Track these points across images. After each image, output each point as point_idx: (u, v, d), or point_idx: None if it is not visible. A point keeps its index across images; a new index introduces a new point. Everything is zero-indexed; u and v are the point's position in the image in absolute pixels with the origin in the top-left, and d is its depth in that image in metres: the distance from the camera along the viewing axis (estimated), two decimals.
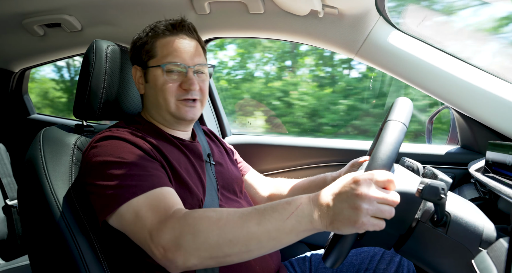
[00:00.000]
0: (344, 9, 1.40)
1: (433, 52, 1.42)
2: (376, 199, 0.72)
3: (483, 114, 1.37)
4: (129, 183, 0.91)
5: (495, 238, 0.77)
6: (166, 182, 0.96)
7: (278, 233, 0.77)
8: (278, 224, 0.77)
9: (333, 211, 0.74)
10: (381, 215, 0.72)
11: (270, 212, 0.79)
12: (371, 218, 0.71)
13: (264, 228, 0.78)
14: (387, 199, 0.72)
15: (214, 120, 2.01)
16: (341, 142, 1.76)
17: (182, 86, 1.11)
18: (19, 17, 1.76)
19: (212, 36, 1.75)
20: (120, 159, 0.94)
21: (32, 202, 1.06)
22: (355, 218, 0.71)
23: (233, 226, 0.79)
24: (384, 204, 0.72)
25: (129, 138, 1.01)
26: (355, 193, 0.72)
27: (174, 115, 1.13)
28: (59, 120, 2.42)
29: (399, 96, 0.94)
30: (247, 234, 0.78)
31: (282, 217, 0.78)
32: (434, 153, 1.57)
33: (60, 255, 1.02)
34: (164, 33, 1.13)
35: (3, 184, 2.05)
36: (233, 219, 0.80)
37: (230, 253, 0.80)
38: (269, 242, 0.79)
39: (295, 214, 0.77)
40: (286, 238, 0.78)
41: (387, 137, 0.79)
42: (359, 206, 0.71)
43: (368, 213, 0.71)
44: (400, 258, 1.24)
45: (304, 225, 0.77)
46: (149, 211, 0.87)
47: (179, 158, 1.10)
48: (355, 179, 0.74)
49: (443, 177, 0.90)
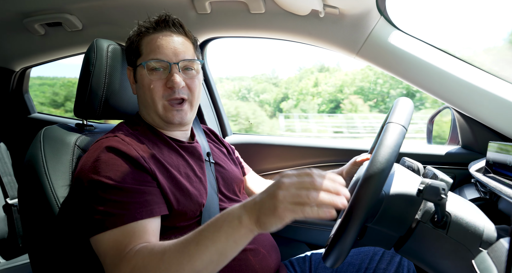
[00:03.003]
0: (345, 9, 1.40)
1: (434, 52, 1.42)
2: (292, 185, 0.72)
3: (483, 115, 1.37)
4: (108, 210, 0.89)
5: (496, 238, 0.77)
6: (148, 211, 0.92)
7: (216, 245, 0.77)
8: (214, 236, 0.77)
9: (258, 206, 0.74)
10: (299, 199, 0.70)
11: (206, 227, 0.79)
12: (289, 204, 0.70)
13: (202, 245, 0.77)
14: (303, 182, 0.72)
15: (214, 120, 2.01)
16: (342, 141, 1.76)
17: (167, 84, 1.08)
18: (20, 16, 1.77)
19: (213, 36, 1.75)
20: (107, 179, 0.92)
21: (32, 201, 1.06)
22: (274, 206, 0.71)
23: (176, 255, 0.79)
24: (302, 189, 0.71)
25: (124, 149, 0.98)
26: (276, 183, 0.73)
27: (162, 118, 1.11)
28: (60, 120, 2.42)
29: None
30: (189, 257, 0.77)
31: (216, 228, 0.77)
32: (434, 153, 1.57)
33: (60, 254, 1.02)
34: (148, 31, 1.11)
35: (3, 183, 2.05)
36: (175, 247, 0.80)
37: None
38: (212, 257, 0.77)
39: (226, 220, 0.77)
40: (226, 248, 0.77)
41: (387, 140, 0.79)
42: (276, 194, 0.71)
43: (286, 199, 0.70)
44: (400, 258, 1.24)
45: (236, 228, 0.76)
46: (112, 249, 0.86)
47: (178, 163, 1.09)
48: (283, 173, 0.75)
49: (444, 177, 0.90)
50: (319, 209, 0.70)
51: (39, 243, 1.07)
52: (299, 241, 1.71)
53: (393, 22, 1.47)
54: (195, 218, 1.05)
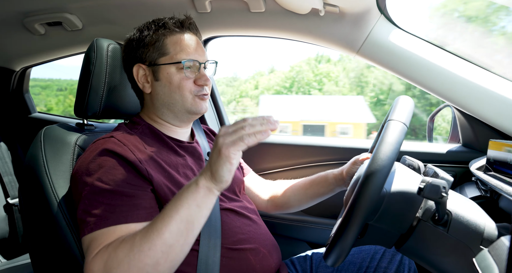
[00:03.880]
0: (345, 7, 1.39)
1: (434, 51, 1.42)
2: (227, 128, 0.82)
3: (484, 113, 1.37)
4: (98, 213, 0.89)
5: (496, 236, 0.77)
6: (136, 215, 0.92)
7: (179, 213, 0.82)
8: (176, 205, 0.83)
9: (209, 164, 0.83)
10: (236, 135, 0.79)
11: (169, 202, 0.85)
12: (229, 142, 0.79)
13: (168, 216, 0.82)
14: (236, 124, 0.81)
15: (215, 119, 2.01)
16: (342, 140, 1.76)
17: (197, 82, 1.12)
18: (20, 15, 1.77)
19: (213, 35, 1.75)
20: (99, 182, 0.92)
21: (33, 200, 1.06)
22: (218, 151, 0.80)
23: (145, 235, 0.81)
24: (238, 128, 0.80)
25: (120, 151, 0.98)
26: (216, 138, 0.83)
27: (189, 110, 1.13)
28: (60, 119, 2.42)
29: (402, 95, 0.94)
30: (157, 232, 0.81)
31: (176, 197, 0.85)
32: (435, 151, 1.56)
33: (61, 253, 1.02)
34: (174, 30, 1.13)
35: (4, 183, 2.06)
36: (144, 229, 0.83)
37: (156, 261, 0.80)
38: (180, 226, 0.82)
39: (185, 188, 0.85)
40: (191, 214, 0.83)
41: (388, 137, 0.79)
42: (216, 141, 0.81)
43: (225, 142, 0.80)
44: (401, 257, 1.24)
45: (194, 191, 0.83)
46: (89, 249, 0.87)
47: (177, 163, 1.09)
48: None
49: (444, 175, 0.90)
50: (256, 134, 0.79)
51: (40, 242, 1.07)
52: (299, 240, 1.71)
53: (393, 20, 1.46)
54: None
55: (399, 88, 15.37)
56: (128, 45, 1.16)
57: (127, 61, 1.17)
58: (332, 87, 19.60)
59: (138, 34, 1.14)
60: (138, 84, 1.15)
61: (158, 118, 1.16)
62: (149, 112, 1.18)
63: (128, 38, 1.17)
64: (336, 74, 21.83)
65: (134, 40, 1.14)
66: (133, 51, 1.14)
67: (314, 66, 22.14)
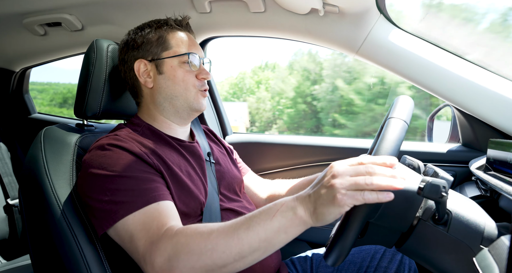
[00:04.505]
0: (345, 7, 1.39)
1: (434, 50, 1.42)
2: (347, 172, 0.73)
3: (484, 112, 1.37)
4: (123, 199, 0.90)
5: (497, 236, 0.77)
6: (162, 195, 0.94)
7: (266, 233, 0.78)
8: (266, 224, 0.78)
9: (314, 197, 0.76)
10: (356, 185, 0.71)
11: (258, 214, 0.80)
12: (348, 191, 0.71)
13: (253, 231, 0.78)
14: (357, 169, 0.73)
15: (215, 119, 2.01)
16: (342, 140, 1.76)
17: (199, 76, 1.15)
18: (20, 16, 1.76)
19: (213, 35, 1.75)
20: (115, 172, 0.94)
21: (33, 201, 1.06)
22: (332, 195, 0.72)
23: (224, 237, 0.80)
24: (359, 175, 0.72)
25: (126, 145, 1.00)
26: (329, 174, 0.75)
27: (191, 105, 1.15)
28: (60, 120, 2.42)
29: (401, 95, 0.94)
30: (238, 240, 0.78)
31: (268, 216, 0.78)
32: (435, 151, 1.57)
33: (61, 254, 1.02)
34: (175, 27, 1.17)
35: (4, 184, 2.06)
36: (224, 229, 0.81)
37: (224, 264, 0.79)
38: (261, 244, 0.78)
39: (280, 210, 0.78)
40: (276, 238, 0.78)
41: (388, 134, 0.79)
42: (332, 183, 0.72)
43: (343, 187, 0.71)
44: (402, 256, 1.24)
45: (290, 219, 0.77)
46: (142, 231, 0.87)
47: (179, 161, 1.09)
48: (331, 164, 0.77)
49: (444, 175, 0.90)
50: (377, 193, 0.71)
51: (40, 243, 1.07)
52: (300, 240, 1.71)
53: (392, 20, 1.47)
54: (197, 218, 1.05)
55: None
56: (126, 44, 1.17)
57: (125, 59, 1.17)
58: (263, 94, 19.65)
59: (139, 32, 1.16)
60: (140, 79, 1.15)
61: (158, 116, 1.17)
62: (149, 110, 1.18)
63: (125, 38, 1.18)
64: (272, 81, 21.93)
65: (135, 38, 1.16)
66: (134, 49, 1.15)
67: (256, 73, 22.28)
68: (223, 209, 1.12)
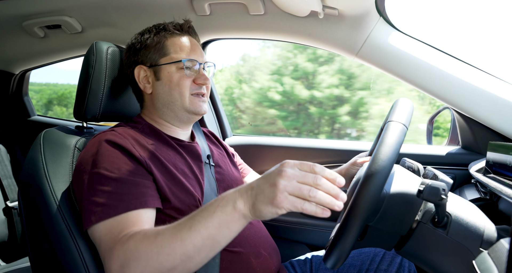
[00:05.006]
0: (344, 10, 1.40)
1: (433, 53, 1.42)
2: (295, 177, 0.71)
3: (483, 115, 1.37)
4: (104, 201, 0.91)
5: (496, 238, 0.77)
6: (143, 202, 0.93)
7: (208, 230, 0.76)
8: (207, 221, 0.76)
9: (256, 191, 0.74)
10: (299, 193, 0.70)
11: (199, 212, 0.79)
12: (289, 195, 0.70)
13: (195, 230, 0.77)
14: (306, 177, 0.71)
15: (214, 121, 2.01)
16: (342, 142, 1.76)
17: (196, 81, 1.15)
18: (20, 18, 1.77)
19: (212, 38, 1.75)
20: (104, 170, 0.94)
21: (32, 203, 1.06)
22: (273, 194, 0.70)
23: (168, 239, 0.79)
24: (305, 184, 0.71)
25: (120, 141, 1.01)
26: (277, 172, 0.72)
27: (188, 110, 1.15)
28: (60, 122, 2.42)
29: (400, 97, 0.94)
30: (181, 241, 0.78)
31: (209, 213, 0.77)
32: (434, 154, 1.56)
33: (60, 256, 1.02)
34: (174, 32, 1.17)
35: (3, 186, 2.05)
36: (168, 231, 0.80)
37: (172, 266, 0.79)
38: (204, 242, 0.77)
39: (220, 206, 0.77)
40: (219, 234, 0.77)
41: (388, 138, 0.79)
42: (277, 182, 0.70)
43: (286, 190, 0.70)
44: (401, 259, 1.23)
45: (229, 214, 0.75)
46: (106, 236, 0.88)
47: (175, 160, 1.10)
48: (284, 162, 0.74)
49: (444, 177, 0.90)
50: (316, 207, 0.70)
51: (39, 245, 1.06)
52: (299, 242, 1.71)
53: (392, 23, 1.47)
54: None
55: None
56: (129, 49, 1.20)
57: (128, 64, 1.20)
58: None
59: (139, 38, 1.18)
60: (139, 85, 1.18)
61: (159, 119, 1.19)
62: (149, 113, 1.20)
63: (129, 42, 1.21)
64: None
65: (135, 44, 1.18)
66: (135, 54, 1.18)
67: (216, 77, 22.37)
68: None
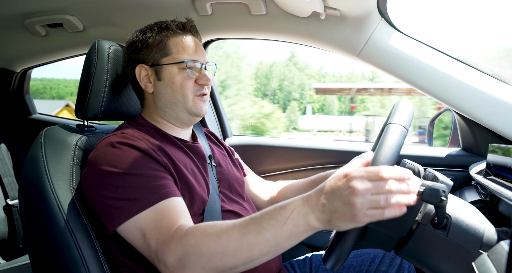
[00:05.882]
0: (346, 11, 1.40)
1: (435, 55, 1.42)
2: (368, 191, 0.70)
3: (484, 117, 1.37)
4: (135, 196, 0.91)
5: (496, 240, 0.77)
6: (173, 191, 0.95)
7: (277, 239, 0.78)
8: (276, 231, 0.78)
9: (329, 209, 0.74)
10: (377, 205, 0.70)
11: (267, 221, 0.79)
12: (368, 210, 0.70)
13: (263, 237, 0.78)
14: (378, 187, 0.71)
15: (215, 121, 2.01)
16: (342, 143, 1.76)
17: (198, 81, 1.14)
18: (21, 17, 1.77)
19: (214, 37, 1.75)
20: (125, 170, 0.94)
21: (33, 201, 1.06)
22: (352, 214, 0.70)
23: (234, 241, 0.80)
24: (380, 194, 0.70)
25: (135, 143, 1.01)
26: (348, 188, 0.71)
27: (190, 111, 1.15)
28: (61, 120, 2.43)
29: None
30: (248, 246, 0.79)
31: (278, 223, 0.78)
32: (435, 155, 1.56)
33: (60, 255, 1.02)
34: (176, 32, 1.15)
35: (4, 184, 2.06)
36: (233, 233, 0.81)
37: (234, 266, 0.81)
38: (271, 249, 0.80)
39: (290, 218, 0.77)
40: (287, 243, 0.79)
41: (388, 140, 0.79)
42: (353, 202, 0.70)
43: (364, 206, 0.69)
44: (401, 261, 1.23)
45: (302, 227, 0.77)
46: (153, 229, 0.88)
47: (185, 160, 1.10)
48: (346, 174, 0.73)
49: (444, 179, 0.90)
50: (396, 209, 0.71)
51: (39, 244, 1.06)
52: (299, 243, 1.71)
53: (394, 24, 1.47)
54: (199, 217, 1.06)
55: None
56: (130, 47, 1.18)
57: (129, 62, 1.18)
58: None
59: (141, 36, 1.16)
60: (141, 84, 1.16)
61: (160, 118, 1.18)
62: (151, 113, 1.19)
63: (130, 39, 1.19)
64: None
65: (136, 42, 1.16)
66: (136, 52, 1.16)
67: None
68: (224, 210, 1.12)
